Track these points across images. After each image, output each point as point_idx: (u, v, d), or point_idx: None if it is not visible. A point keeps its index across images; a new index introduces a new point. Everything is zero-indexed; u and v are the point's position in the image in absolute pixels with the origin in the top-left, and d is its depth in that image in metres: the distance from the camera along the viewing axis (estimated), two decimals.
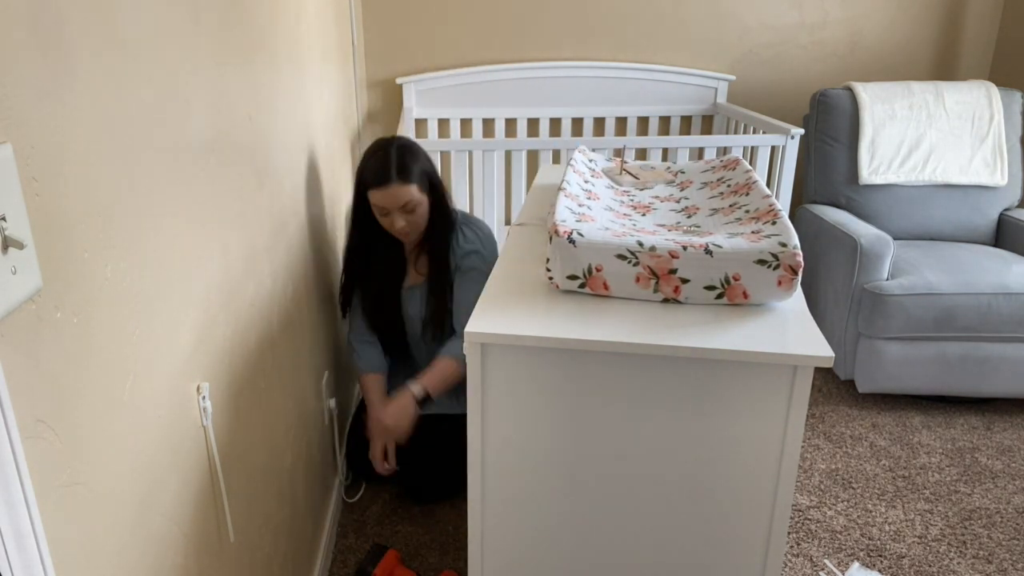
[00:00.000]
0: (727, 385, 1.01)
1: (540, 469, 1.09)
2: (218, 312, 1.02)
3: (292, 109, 1.52)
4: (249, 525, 1.16)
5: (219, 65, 1.04)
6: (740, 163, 1.49)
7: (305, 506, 1.57)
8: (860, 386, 2.43)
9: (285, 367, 1.42)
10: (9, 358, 0.55)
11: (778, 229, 1.12)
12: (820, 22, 3.09)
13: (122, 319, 0.73)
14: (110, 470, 0.71)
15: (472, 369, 1.04)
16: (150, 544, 0.80)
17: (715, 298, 1.09)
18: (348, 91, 2.55)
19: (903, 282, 2.32)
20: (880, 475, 2.13)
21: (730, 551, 1.09)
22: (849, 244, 2.41)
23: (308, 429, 1.63)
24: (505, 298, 1.12)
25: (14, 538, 0.54)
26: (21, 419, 0.56)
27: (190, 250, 0.91)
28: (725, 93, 3.14)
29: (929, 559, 1.81)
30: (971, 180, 2.69)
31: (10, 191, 0.54)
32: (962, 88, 2.73)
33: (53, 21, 0.61)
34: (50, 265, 0.60)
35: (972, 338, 2.34)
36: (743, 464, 1.04)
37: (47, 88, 0.60)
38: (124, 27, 0.74)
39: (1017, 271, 2.35)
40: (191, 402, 0.92)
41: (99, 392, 0.69)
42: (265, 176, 1.29)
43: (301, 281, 1.59)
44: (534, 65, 3.07)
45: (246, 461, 1.15)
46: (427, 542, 1.85)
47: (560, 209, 1.20)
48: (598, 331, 1.01)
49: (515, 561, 1.16)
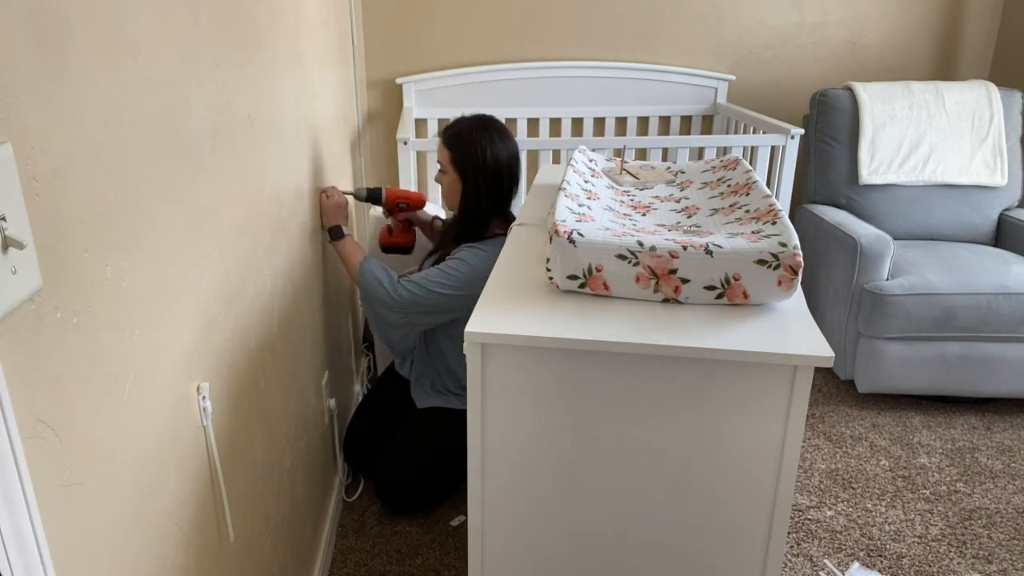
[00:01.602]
0: (727, 385, 1.01)
1: (540, 469, 1.09)
2: (218, 312, 1.02)
3: (292, 109, 1.52)
4: (249, 525, 1.16)
5: (219, 65, 1.04)
6: (740, 163, 1.49)
7: (305, 506, 1.57)
8: (860, 386, 2.43)
9: (285, 367, 1.42)
10: (9, 358, 0.55)
11: (778, 229, 1.12)
12: (820, 22, 3.09)
13: (122, 319, 0.73)
14: (110, 470, 0.71)
15: (472, 369, 1.04)
16: (150, 544, 0.80)
17: (715, 298, 1.09)
18: (348, 91, 2.55)
19: (903, 282, 2.32)
20: (880, 475, 2.13)
21: (730, 551, 1.09)
22: (849, 244, 2.41)
23: (308, 429, 1.63)
24: (505, 298, 1.12)
25: (14, 538, 0.54)
26: (21, 419, 0.56)
27: (190, 250, 0.91)
28: (725, 93, 3.14)
29: (929, 559, 1.81)
30: (971, 180, 2.69)
31: (10, 191, 0.54)
32: (962, 88, 2.73)
33: (53, 21, 0.61)
34: (50, 265, 0.60)
35: (972, 338, 2.34)
36: (743, 464, 1.04)
37: (47, 88, 0.60)
38: (124, 27, 0.74)
39: (1017, 271, 2.35)
40: (191, 402, 0.92)
41: (99, 392, 0.69)
42: (265, 176, 1.29)
43: (301, 281, 1.59)
44: (534, 65, 3.07)
45: (246, 461, 1.15)
46: (427, 542, 1.85)
47: (560, 209, 1.20)
48: (598, 331, 1.01)
49: (515, 561, 1.16)
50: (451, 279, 1.78)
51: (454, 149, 1.84)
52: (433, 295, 1.78)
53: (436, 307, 1.81)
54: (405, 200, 2.02)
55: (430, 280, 1.79)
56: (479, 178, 1.83)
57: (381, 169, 3.21)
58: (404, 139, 2.39)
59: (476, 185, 1.83)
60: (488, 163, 1.83)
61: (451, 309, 1.82)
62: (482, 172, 1.83)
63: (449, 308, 1.82)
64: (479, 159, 1.82)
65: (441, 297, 1.79)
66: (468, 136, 1.83)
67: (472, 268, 1.79)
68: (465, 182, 1.84)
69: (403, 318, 1.82)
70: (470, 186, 1.84)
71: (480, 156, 1.82)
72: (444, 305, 1.80)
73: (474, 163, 1.82)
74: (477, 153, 1.82)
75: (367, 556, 1.81)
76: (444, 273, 1.79)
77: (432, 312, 1.82)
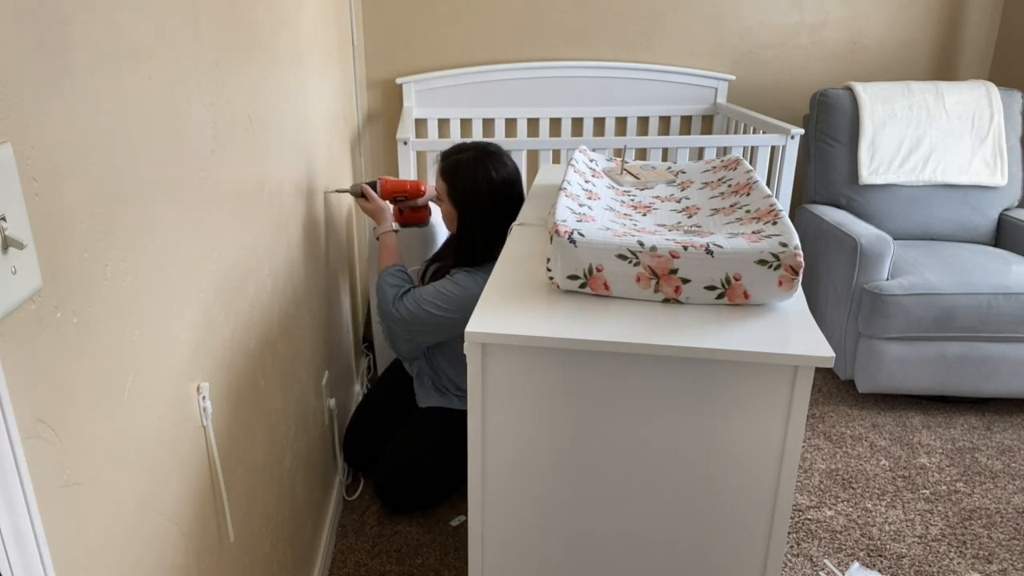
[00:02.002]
0: (727, 385, 1.00)
1: (540, 469, 1.09)
2: (218, 312, 1.02)
3: (292, 109, 1.52)
4: (249, 525, 1.16)
5: (219, 64, 1.03)
6: (741, 163, 1.49)
7: (305, 506, 1.57)
8: (860, 386, 2.43)
9: (285, 367, 1.42)
10: (9, 358, 0.55)
11: (779, 229, 1.12)
12: (820, 22, 3.09)
13: (122, 319, 0.73)
14: (110, 470, 0.71)
15: (472, 369, 1.04)
16: (150, 544, 0.80)
17: (716, 298, 1.09)
18: (348, 91, 2.55)
19: (903, 282, 2.32)
20: (880, 475, 2.13)
21: (730, 551, 1.09)
22: (849, 244, 2.41)
23: (308, 429, 1.63)
24: (505, 298, 1.12)
25: (14, 538, 0.54)
26: (21, 419, 0.56)
27: (190, 250, 0.91)
28: (725, 93, 3.14)
29: (929, 559, 1.81)
30: (971, 180, 2.69)
31: (10, 191, 0.54)
32: (962, 88, 2.73)
33: (53, 21, 0.61)
34: (50, 265, 0.60)
35: (972, 338, 2.34)
36: (743, 464, 1.04)
37: (47, 88, 0.60)
38: (124, 27, 0.74)
39: (1017, 271, 2.35)
40: (191, 402, 0.92)
41: (99, 392, 0.68)
42: (265, 176, 1.29)
43: (301, 281, 1.59)
44: (534, 65, 3.07)
45: (246, 461, 1.15)
46: (427, 542, 1.85)
47: (561, 209, 1.20)
48: (598, 331, 1.01)
49: (515, 561, 1.16)
50: (446, 301, 1.79)
51: (450, 182, 1.83)
52: (428, 315, 1.80)
53: (432, 326, 1.82)
54: (402, 192, 2.02)
55: (426, 300, 1.80)
56: (475, 210, 1.82)
57: (381, 169, 3.21)
58: (404, 139, 2.39)
59: (472, 216, 1.83)
60: (484, 195, 1.81)
61: (445, 328, 1.83)
62: (478, 204, 1.81)
63: (443, 327, 1.83)
64: (475, 192, 1.81)
65: (435, 317, 1.80)
66: (465, 169, 1.81)
67: (467, 291, 1.79)
68: (462, 214, 1.83)
69: (407, 335, 1.85)
70: (466, 217, 1.83)
71: (476, 189, 1.80)
72: (438, 324, 1.81)
73: (471, 195, 1.81)
74: (473, 186, 1.80)
75: (367, 556, 1.81)
76: (440, 294, 1.80)
77: (429, 332, 1.84)
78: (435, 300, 1.79)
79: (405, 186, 2.02)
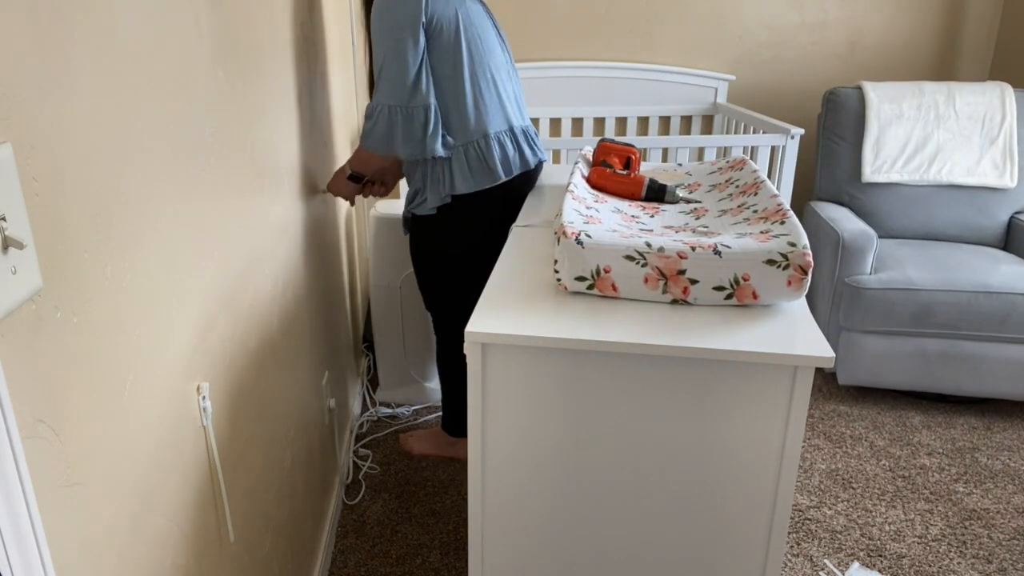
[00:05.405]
0: (728, 385, 1.00)
1: (540, 469, 1.09)
2: (218, 312, 1.02)
3: (292, 109, 1.52)
4: (249, 525, 1.16)
5: (219, 64, 1.03)
6: (747, 163, 1.49)
7: (305, 506, 1.57)
8: (841, 378, 2.47)
9: (285, 367, 1.41)
10: (9, 358, 0.55)
11: (787, 229, 1.11)
12: (820, 22, 3.09)
13: (122, 319, 0.73)
14: (110, 470, 0.71)
15: (472, 369, 1.04)
16: (150, 544, 0.80)
17: (724, 299, 1.09)
18: (348, 91, 2.55)
19: (882, 276, 2.35)
20: (880, 475, 2.13)
21: (730, 551, 1.09)
22: (833, 238, 2.44)
23: (308, 429, 1.63)
24: (506, 298, 1.12)
25: (14, 538, 0.54)
26: (21, 419, 0.56)
27: (190, 250, 0.91)
28: (725, 93, 3.14)
29: (929, 559, 1.81)
30: (978, 181, 2.66)
31: (10, 191, 0.54)
32: (975, 89, 2.69)
33: (53, 21, 0.61)
34: (50, 265, 0.60)
35: (951, 335, 2.35)
36: (744, 464, 1.04)
37: (47, 88, 0.60)
38: (124, 27, 0.74)
39: (1005, 271, 2.34)
40: (191, 402, 0.92)
41: (99, 392, 0.68)
42: (265, 176, 1.29)
43: (301, 281, 1.58)
44: (534, 65, 3.07)
45: (246, 461, 1.15)
46: (427, 542, 1.85)
47: (568, 211, 1.20)
48: (599, 331, 1.01)
49: (515, 561, 1.16)
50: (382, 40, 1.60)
51: None
52: (392, 67, 1.62)
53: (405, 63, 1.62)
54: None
55: (385, 77, 1.63)
56: None
57: None
58: None
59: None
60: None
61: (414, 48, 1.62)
62: None
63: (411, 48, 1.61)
64: None
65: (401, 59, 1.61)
66: None
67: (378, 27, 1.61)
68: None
69: (408, 108, 1.65)
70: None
71: None
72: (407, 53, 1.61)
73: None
74: None
75: (367, 556, 1.80)
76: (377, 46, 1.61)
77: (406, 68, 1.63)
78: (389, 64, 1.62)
79: None
